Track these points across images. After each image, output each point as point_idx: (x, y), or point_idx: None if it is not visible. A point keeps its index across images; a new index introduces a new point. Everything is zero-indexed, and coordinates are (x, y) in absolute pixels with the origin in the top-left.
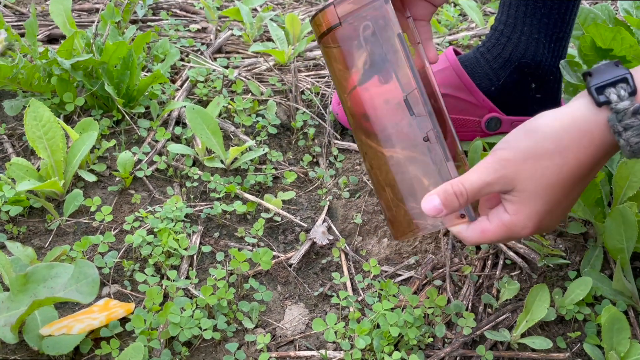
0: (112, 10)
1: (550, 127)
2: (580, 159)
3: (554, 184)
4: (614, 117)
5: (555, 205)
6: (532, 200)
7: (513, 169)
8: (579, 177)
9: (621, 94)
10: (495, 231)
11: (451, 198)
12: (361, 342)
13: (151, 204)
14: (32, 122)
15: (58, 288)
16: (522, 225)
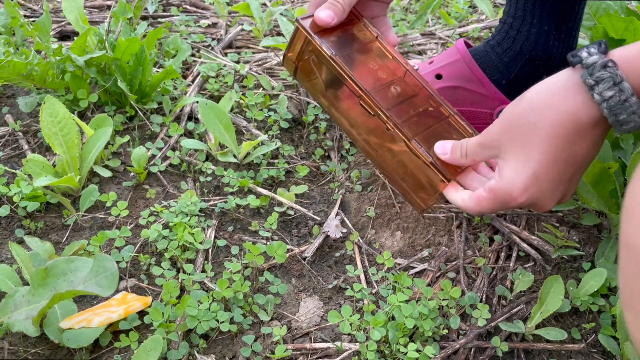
0: (123, 6)
1: (527, 94)
2: (554, 115)
3: (531, 141)
4: (585, 72)
5: (537, 169)
6: (513, 161)
7: (498, 131)
8: (556, 136)
9: (591, 51)
10: (487, 198)
11: (456, 147)
12: (376, 334)
13: (166, 199)
14: (48, 118)
15: (78, 282)
16: (507, 189)
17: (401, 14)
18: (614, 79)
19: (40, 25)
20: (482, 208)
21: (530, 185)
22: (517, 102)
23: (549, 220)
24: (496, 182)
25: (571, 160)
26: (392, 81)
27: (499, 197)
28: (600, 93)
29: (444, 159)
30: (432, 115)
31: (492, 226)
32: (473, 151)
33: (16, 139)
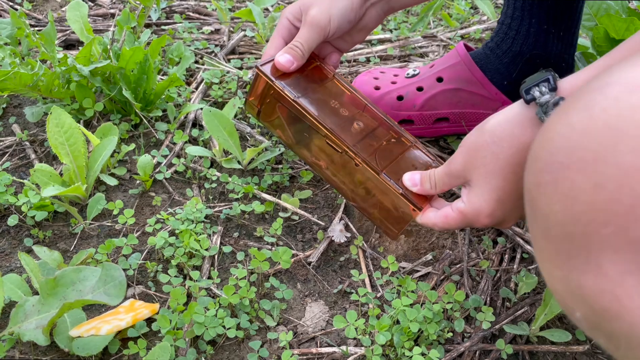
0: (127, 15)
1: (489, 124)
2: (514, 146)
3: (494, 171)
4: (540, 110)
5: (501, 194)
6: (479, 188)
7: (462, 161)
8: (517, 165)
9: (542, 90)
10: (455, 218)
11: (426, 179)
12: (381, 338)
13: (171, 206)
14: (54, 128)
15: (86, 291)
16: (474, 213)
17: (402, 17)
18: None
19: (46, 35)
20: (449, 226)
21: (496, 209)
22: (478, 133)
23: None
24: (465, 206)
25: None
26: (354, 116)
27: (466, 218)
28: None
29: (414, 190)
30: (395, 146)
31: (495, 229)
32: (441, 182)
33: (23, 149)
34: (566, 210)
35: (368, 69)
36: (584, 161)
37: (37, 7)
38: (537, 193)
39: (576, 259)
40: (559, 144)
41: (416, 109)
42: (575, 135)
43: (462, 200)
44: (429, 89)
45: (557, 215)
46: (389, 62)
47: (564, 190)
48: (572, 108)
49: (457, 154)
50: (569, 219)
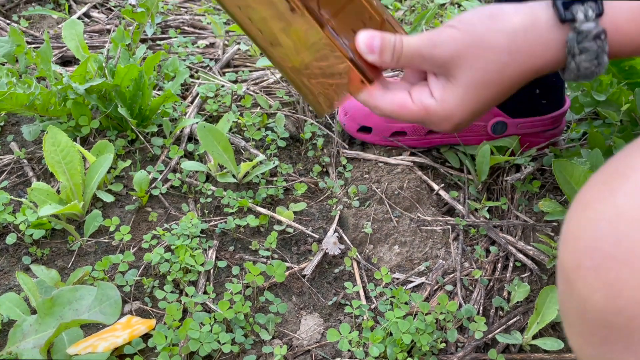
0: (122, 33)
1: (509, 21)
2: (526, 65)
3: (491, 83)
4: (574, 37)
5: (483, 105)
6: (462, 92)
7: (454, 50)
8: (516, 84)
9: (589, 14)
10: (414, 112)
11: (388, 48)
12: (375, 350)
13: (167, 221)
14: (50, 147)
15: (83, 310)
16: (444, 116)
17: None
18: (598, 53)
19: (42, 54)
20: (400, 116)
21: (468, 119)
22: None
23: (544, 230)
24: (435, 104)
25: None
26: None
27: (428, 116)
28: (578, 63)
29: (369, 59)
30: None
31: (488, 237)
32: (409, 58)
33: (21, 167)
34: (608, 301)
35: None
36: (633, 254)
37: (33, 25)
38: (576, 275)
39: (615, 345)
40: (605, 230)
41: None
42: (623, 225)
43: (433, 94)
44: None
45: (597, 304)
46: None
47: (608, 281)
48: (619, 188)
49: (449, 37)
50: (611, 310)
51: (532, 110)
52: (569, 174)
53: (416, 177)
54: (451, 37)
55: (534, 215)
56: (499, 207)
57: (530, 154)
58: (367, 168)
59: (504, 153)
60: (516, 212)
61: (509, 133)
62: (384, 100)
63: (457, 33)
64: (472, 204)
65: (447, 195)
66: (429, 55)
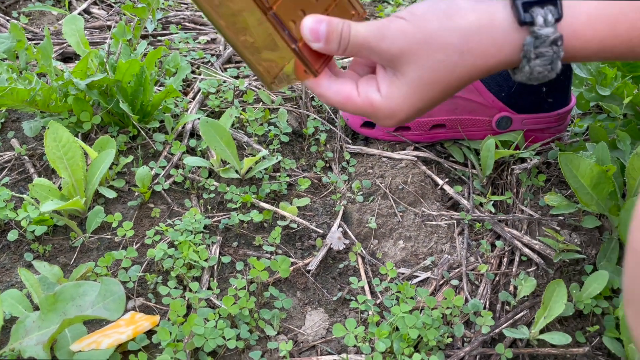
0: (123, 28)
1: (464, 20)
2: (477, 66)
3: (439, 82)
4: (531, 41)
5: (428, 104)
6: (409, 89)
7: (404, 45)
8: (463, 84)
9: (548, 18)
10: (359, 105)
11: (335, 36)
12: (381, 345)
13: (170, 217)
14: (52, 143)
15: (86, 306)
16: (389, 113)
17: None
18: (553, 59)
19: (42, 50)
20: (346, 108)
21: (412, 116)
22: (446, 26)
23: (550, 224)
24: (380, 100)
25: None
26: None
27: (373, 112)
28: (532, 67)
29: (314, 47)
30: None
31: (493, 232)
32: (356, 49)
33: (22, 163)
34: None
35: None
36: None
37: (33, 21)
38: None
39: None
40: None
41: None
42: None
43: (379, 88)
44: None
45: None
46: None
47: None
48: None
49: (398, 31)
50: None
51: (538, 106)
52: (575, 167)
53: (420, 171)
54: (401, 30)
55: (540, 209)
56: (504, 202)
57: (534, 148)
58: (370, 163)
59: (508, 147)
60: (521, 206)
61: (514, 128)
62: (329, 90)
63: (408, 27)
64: (477, 198)
65: (451, 189)
66: (377, 48)
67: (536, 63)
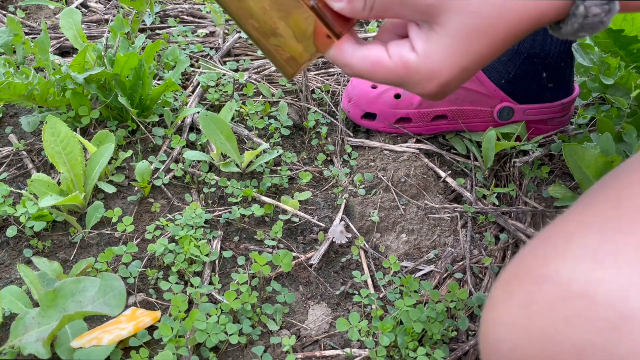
0: (120, 21)
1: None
2: (526, 10)
3: (485, 30)
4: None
5: (474, 61)
6: (451, 41)
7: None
8: (512, 35)
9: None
10: (392, 69)
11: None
12: (385, 339)
13: (170, 212)
14: (50, 138)
15: (86, 302)
16: (429, 73)
17: None
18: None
19: (39, 43)
20: (374, 76)
21: (456, 77)
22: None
23: (554, 216)
24: (416, 59)
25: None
26: None
27: (409, 75)
28: (588, 7)
29: (336, 7)
30: None
31: (497, 224)
32: (386, 4)
33: (20, 159)
34: None
35: None
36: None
37: (30, 15)
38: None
39: None
40: (503, 334)
41: (414, 106)
42: (515, 333)
43: (414, 47)
44: None
45: None
46: None
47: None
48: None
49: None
50: None
51: (539, 95)
52: (579, 158)
53: (422, 164)
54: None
55: (544, 201)
56: (508, 194)
57: (537, 140)
58: (372, 156)
59: (510, 139)
60: (525, 199)
61: (516, 119)
62: (355, 57)
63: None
64: (480, 190)
65: (454, 182)
66: (415, 2)
67: (592, 2)
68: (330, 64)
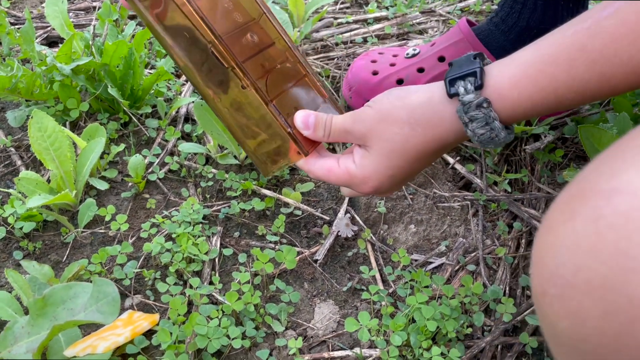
0: (108, 8)
1: (410, 99)
2: (427, 135)
3: (398, 151)
4: (461, 108)
5: (397, 172)
6: (376, 159)
7: (369, 125)
8: (422, 152)
9: (468, 87)
10: (339, 176)
11: (321, 124)
12: (397, 339)
13: (167, 208)
14: (36, 133)
15: (78, 309)
16: (362, 179)
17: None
18: (487, 119)
19: (24, 34)
20: (329, 180)
21: (385, 183)
22: (396, 103)
23: None
24: (355, 169)
25: (426, 165)
26: (248, 25)
27: (351, 180)
28: (473, 130)
29: (305, 134)
30: (289, 72)
31: (510, 212)
32: (337, 134)
33: (9, 155)
34: (574, 329)
35: (365, 50)
36: (592, 285)
37: (16, 5)
38: (543, 302)
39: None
40: (564, 257)
41: None
42: (580, 253)
43: (354, 160)
44: (431, 69)
45: (565, 331)
46: (387, 41)
47: (571, 310)
48: (578, 212)
49: (365, 115)
50: (577, 338)
51: None
52: (596, 140)
53: None
54: (367, 114)
55: (558, 186)
56: (520, 180)
57: (548, 123)
58: None
59: (520, 123)
60: (538, 184)
61: None
62: (315, 165)
63: (371, 111)
64: (491, 177)
65: (463, 168)
66: (351, 130)
67: (474, 126)
68: (330, 48)
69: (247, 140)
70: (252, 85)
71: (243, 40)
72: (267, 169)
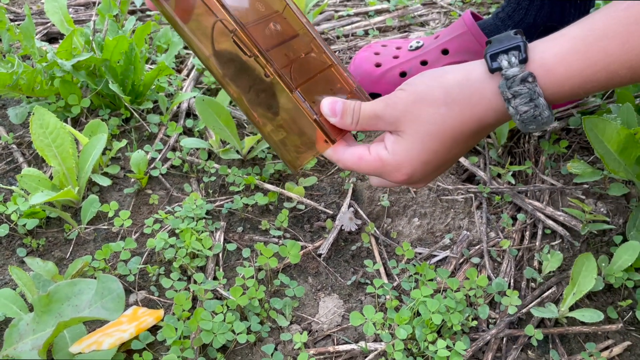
0: (108, 3)
1: (446, 79)
2: (465, 115)
3: (434, 133)
4: (504, 83)
5: (432, 157)
6: (410, 144)
7: (402, 108)
8: (460, 134)
9: (512, 60)
10: (370, 163)
11: (349, 112)
12: (402, 332)
13: (170, 203)
14: (38, 130)
15: (83, 306)
16: (395, 166)
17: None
18: (531, 95)
19: (24, 30)
20: (359, 169)
21: (418, 170)
22: (431, 84)
23: (574, 193)
24: (387, 155)
25: (463, 151)
26: (271, 16)
27: (383, 168)
28: (515, 107)
29: (332, 122)
30: (314, 62)
31: (514, 204)
32: (366, 121)
33: (11, 152)
34: None
35: (368, 43)
36: None
37: (15, 1)
38: None
39: None
40: None
41: None
42: None
43: (386, 146)
44: (434, 62)
45: None
46: (389, 33)
47: None
48: None
49: (397, 98)
50: None
51: None
52: (600, 131)
53: None
54: (399, 97)
55: (562, 178)
56: (524, 171)
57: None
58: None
59: None
60: (542, 176)
61: None
62: (345, 154)
63: (404, 94)
64: (494, 169)
65: (466, 161)
66: (382, 115)
67: (517, 102)
68: (331, 41)
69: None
70: (276, 73)
71: (266, 31)
72: (296, 163)
